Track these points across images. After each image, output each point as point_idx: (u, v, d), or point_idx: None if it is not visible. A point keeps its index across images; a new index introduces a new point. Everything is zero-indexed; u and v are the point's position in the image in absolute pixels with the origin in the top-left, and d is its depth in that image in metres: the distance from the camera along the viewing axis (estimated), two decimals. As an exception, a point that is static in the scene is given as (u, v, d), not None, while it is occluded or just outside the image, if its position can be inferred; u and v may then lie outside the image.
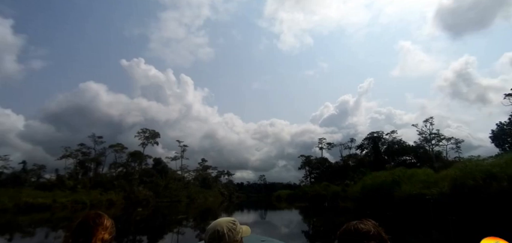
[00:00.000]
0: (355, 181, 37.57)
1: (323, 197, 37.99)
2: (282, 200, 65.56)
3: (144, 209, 40.14)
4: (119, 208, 38.09)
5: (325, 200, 36.78)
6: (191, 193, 63.64)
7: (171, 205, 49.60)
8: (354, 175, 43.46)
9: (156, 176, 58.74)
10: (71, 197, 31.24)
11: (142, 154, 63.99)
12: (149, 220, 23.17)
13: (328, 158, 68.80)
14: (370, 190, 22.60)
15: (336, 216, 21.91)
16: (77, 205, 30.39)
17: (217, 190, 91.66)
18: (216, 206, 46.18)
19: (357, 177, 39.88)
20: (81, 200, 32.06)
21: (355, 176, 42.04)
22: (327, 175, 63.07)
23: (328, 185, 40.52)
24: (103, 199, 37.22)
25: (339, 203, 31.88)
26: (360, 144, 53.70)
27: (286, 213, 30.61)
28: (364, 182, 26.82)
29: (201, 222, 20.92)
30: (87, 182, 53.82)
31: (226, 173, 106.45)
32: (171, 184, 58.60)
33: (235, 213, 31.57)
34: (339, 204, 31.27)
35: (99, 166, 67.36)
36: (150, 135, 63.11)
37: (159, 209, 41.20)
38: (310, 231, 15.75)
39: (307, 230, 16.51)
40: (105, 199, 37.22)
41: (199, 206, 50.87)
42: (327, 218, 21.79)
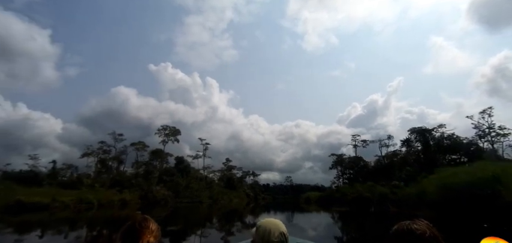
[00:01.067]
0: (405, 181, 31.07)
1: (367, 201, 31.53)
2: (311, 203, 60.42)
3: (162, 210, 36.45)
4: (133, 208, 34.55)
5: (371, 204, 30.30)
6: (214, 193, 59.53)
7: (192, 206, 45.88)
8: (400, 175, 36.80)
9: (176, 176, 55.21)
10: (74, 196, 27.66)
11: (163, 152, 60.95)
12: (168, 222, 19.62)
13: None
14: (448, 191, 16.41)
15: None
16: (81, 205, 26.82)
17: (242, 191, 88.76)
18: (242, 208, 44.11)
19: (404, 176, 33.37)
20: (87, 199, 28.60)
21: (402, 175, 35.40)
22: (362, 175, 56.15)
23: (373, 185, 34.00)
24: (115, 198, 33.67)
25: (389, 207, 25.54)
26: (406, 139, 46.36)
27: (322, 217, 25.25)
28: (430, 181, 20.56)
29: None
30: (107, 180, 51.62)
31: (251, 174, 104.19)
32: (192, 183, 54.82)
33: (261, 215, 29.65)
34: (389, 209, 25.01)
35: (121, 164, 65.59)
36: (171, 132, 59.88)
37: (179, 210, 37.63)
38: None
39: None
40: (118, 199, 33.64)
41: (223, 207, 47.06)
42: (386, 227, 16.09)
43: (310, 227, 18.14)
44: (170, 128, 59.78)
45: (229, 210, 39.11)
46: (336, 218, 25.03)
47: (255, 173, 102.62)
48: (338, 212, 29.12)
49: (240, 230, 17.38)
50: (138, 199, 38.89)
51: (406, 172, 36.51)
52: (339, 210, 29.86)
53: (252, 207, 47.53)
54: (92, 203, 28.51)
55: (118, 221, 20.59)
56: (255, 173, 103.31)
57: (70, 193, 28.84)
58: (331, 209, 33.36)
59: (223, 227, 19.60)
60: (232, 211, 36.59)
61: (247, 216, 29.44)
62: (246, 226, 19.83)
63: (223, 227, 19.60)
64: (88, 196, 29.14)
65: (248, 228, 18.20)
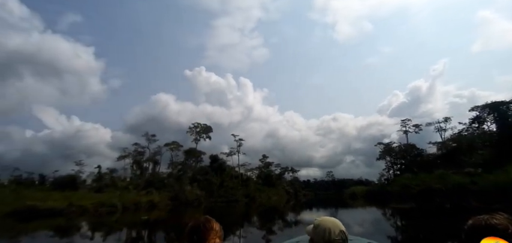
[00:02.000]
0: (483, 167, 24.50)
1: (437, 194, 24.95)
2: (357, 198, 54.84)
3: (195, 211, 33.75)
4: (163, 210, 32.23)
5: (444, 197, 23.73)
6: (250, 191, 56.12)
7: (228, 205, 42.95)
8: (470, 161, 29.87)
9: (210, 174, 52.66)
10: (96, 199, 25.68)
11: (195, 150, 58.94)
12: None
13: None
14: None
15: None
16: (102, 209, 24.63)
17: (281, 187, 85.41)
18: (282, 205, 41.70)
19: (481, 162, 26.58)
20: (110, 202, 26.44)
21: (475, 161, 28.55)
22: (418, 165, 48.68)
23: (445, 174, 26.92)
24: (142, 200, 31.43)
25: (470, 201, 19.40)
26: (476, 117, 37.86)
27: (375, 214, 20.12)
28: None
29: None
30: (142, 182, 50.81)
31: (290, 170, 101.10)
32: (227, 182, 51.84)
33: (303, 212, 28.74)
34: (471, 204, 18.96)
35: (156, 165, 65.20)
36: (202, 130, 57.55)
37: (213, 210, 34.77)
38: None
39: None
40: (146, 200, 31.35)
41: (261, 205, 43.63)
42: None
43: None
44: (201, 125, 57.48)
45: (268, 208, 36.70)
46: (394, 216, 19.81)
47: (294, 169, 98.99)
48: (398, 209, 23.44)
49: (281, 229, 16.30)
50: (168, 200, 36.47)
51: (481, 156, 29.37)
52: (399, 208, 24.03)
53: (293, 204, 44.73)
54: (115, 206, 26.23)
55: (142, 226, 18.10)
56: (294, 169, 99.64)
57: (93, 196, 27.02)
58: (389, 205, 27.43)
59: (263, 225, 18.46)
60: (271, 209, 34.32)
61: (289, 214, 27.25)
62: (288, 224, 18.57)
63: (263, 225, 18.46)
64: (111, 199, 26.93)
65: (290, 226, 17.38)
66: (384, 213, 23.85)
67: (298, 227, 16.45)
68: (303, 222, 19.48)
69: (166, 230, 16.92)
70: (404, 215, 20.23)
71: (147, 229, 17.08)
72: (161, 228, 17.60)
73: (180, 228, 15.96)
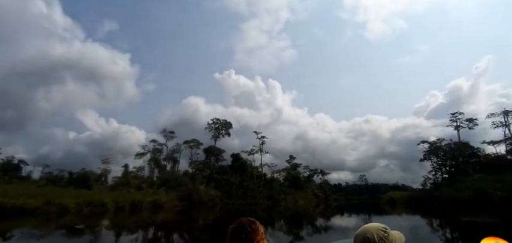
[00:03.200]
0: None
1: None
2: (396, 205, 47.69)
3: (208, 212, 29.56)
4: (171, 212, 28.32)
5: None
6: (274, 193, 50.95)
7: (247, 208, 38.29)
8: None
9: (229, 174, 48.40)
10: (83, 198, 22.16)
11: (214, 148, 55.12)
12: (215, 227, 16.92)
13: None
14: None
15: None
16: (87, 208, 20.99)
17: (310, 191, 79.77)
18: (311, 210, 39.14)
19: None
20: (100, 201, 22.79)
21: None
22: (474, 167, 40.59)
23: None
24: (146, 199, 27.65)
25: None
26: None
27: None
28: None
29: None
30: (158, 181, 47.97)
31: (320, 173, 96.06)
32: (246, 182, 47.14)
33: (334, 218, 26.80)
34: None
35: (175, 163, 62.53)
36: (221, 125, 53.52)
37: (229, 213, 30.50)
38: None
39: None
40: (150, 200, 27.57)
41: (286, 209, 38.69)
42: None
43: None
44: (220, 121, 53.45)
45: (294, 212, 33.52)
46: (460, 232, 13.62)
47: (324, 171, 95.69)
48: (467, 223, 16.69)
49: (311, 234, 15.06)
50: (177, 201, 32.57)
51: None
52: (467, 221, 17.20)
53: (322, 209, 41.43)
54: (105, 206, 22.56)
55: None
56: (324, 171, 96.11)
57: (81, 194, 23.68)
58: (458, 216, 20.31)
59: (290, 231, 16.77)
60: (298, 213, 31.56)
61: (318, 219, 24.99)
62: (317, 230, 16.96)
63: (290, 231, 16.77)
64: (104, 198, 23.35)
65: (320, 232, 16.05)
66: (439, 224, 17.75)
67: (328, 233, 15.25)
68: (333, 228, 17.91)
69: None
70: (479, 232, 13.82)
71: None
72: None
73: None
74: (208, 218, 25.98)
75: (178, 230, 17.15)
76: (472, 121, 45.50)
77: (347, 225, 21.06)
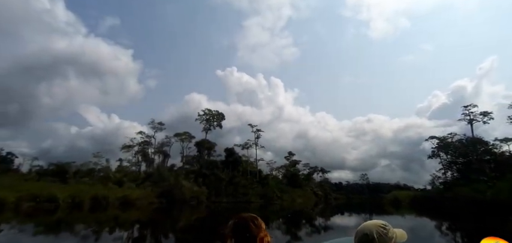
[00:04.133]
0: None
1: None
2: (401, 205, 43.98)
3: (191, 212, 25.84)
4: (145, 210, 24.66)
5: None
6: (269, 191, 47.14)
7: (235, 206, 34.54)
8: None
9: (219, 169, 44.68)
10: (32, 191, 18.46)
11: (206, 141, 51.40)
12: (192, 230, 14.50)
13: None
14: None
15: None
16: (29, 205, 17.28)
17: (309, 189, 76.40)
18: (309, 209, 36.82)
19: None
20: (48, 195, 19.04)
21: None
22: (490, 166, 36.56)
23: None
24: (112, 195, 23.93)
25: None
26: None
27: None
28: None
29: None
30: (142, 175, 44.38)
31: (320, 170, 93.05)
32: (238, 178, 43.31)
33: (334, 217, 25.67)
34: None
35: (166, 157, 58.92)
36: (212, 116, 49.75)
37: (216, 213, 26.97)
38: None
39: None
40: (119, 196, 23.89)
41: (281, 209, 35.45)
42: None
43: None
44: (212, 112, 49.65)
45: (292, 211, 31.08)
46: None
47: (324, 169, 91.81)
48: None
49: (309, 234, 13.90)
50: (155, 197, 28.86)
51: None
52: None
53: (322, 208, 39.14)
54: (56, 201, 18.89)
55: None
56: (324, 169, 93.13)
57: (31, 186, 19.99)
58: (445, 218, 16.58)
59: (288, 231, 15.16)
60: (295, 213, 29.45)
61: (317, 219, 23.46)
62: (317, 230, 15.79)
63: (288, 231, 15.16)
64: (55, 192, 19.65)
65: (319, 232, 14.84)
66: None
67: (327, 233, 14.56)
68: (332, 227, 17.06)
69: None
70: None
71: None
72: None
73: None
74: (190, 218, 22.38)
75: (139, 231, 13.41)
76: (487, 115, 41.33)
77: (347, 224, 19.78)
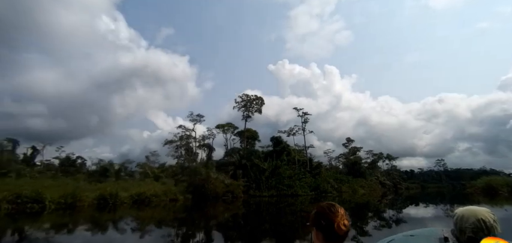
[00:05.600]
0: None
1: None
2: (497, 194, 34.93)
3: (218, 210, 21.56)
4: (160, 209, 21.10)
5: None
6: (321, 181, 40.52)
7: (278, 201, 29.34)
8: None
9: (259, 159, 39.71)
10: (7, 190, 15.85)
11: (247, 130, 46.96)
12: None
13: None
14: None
15: None
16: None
17: (374, 178, 67.87)
18: (376, 200, 32.21)
19: None
20: (35, 194, 16.25)
21: None
22: None
23: None
24: (125, 192, 20.68)
25: None
26: None
27: None
28: None
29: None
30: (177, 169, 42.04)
31: (386, 158, 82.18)
32: (281, 168, 37.64)
33: (406, 209, 21.58)
34: None
35: (211, 151, 56.35)
36: (250, 101, 44.90)
37: (254, 208, 22.49)
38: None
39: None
40: (134, 193, 20.65)
41: (341, 201, 28.92)
42: None
43: None
44: (250, 96, 44.80)
45: (355, 205, 26.21)
46: None
47: (391, 156, 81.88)
48: None
49: (378, 228, 11.84)
50: (180, 193, 25.14)
51: None
52: None
53: (391, 199, 34.18)
54: (40, 201, 16.03)
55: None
56: (390, 156, 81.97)
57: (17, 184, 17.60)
58: None
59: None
60: (359, 205, 25.55)
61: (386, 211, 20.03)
62: (386, 224, 13.28)
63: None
64: (37, 187, 16.85)
65: (389, 226, 12.66)
66: None
67: (400, 227, 12.32)
68: (406, 221, 14.36)
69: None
70: None
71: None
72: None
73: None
74: (220, 216, 18.04)
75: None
76: None
77: (423, 216, 16.74)
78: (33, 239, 10.17)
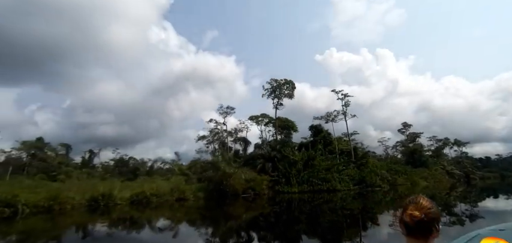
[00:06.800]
0: None
1: None
2: None
3: (227, 214, 18.07)
4: (171, 208, 18.37)
5: None
6: (367, 174, 34.21)
7: (311, 198, 24.64)
8: None
9: (291, 150, 35.07)
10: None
11: (279, 119, 42.52)
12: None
13: None
14: None
15: None
16: None
17: (439, 168, 58.26)
18: (444, 193, 27.04)
19: None
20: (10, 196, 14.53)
21: None
22: None
23: None
24: (119, 192, 18.36)
25: None
26: None
27: None
28: None
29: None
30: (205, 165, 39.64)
31: (453, 144, 72.36)
32: (316, 160, 32.43)
33: (482, 203, 18.87)
34: None
35: (247, 144, 53.25)
36: (279, 85, 40.24)
37: (285, 208, 18.96)
38: None
39: None
40: (137, 192, 18.27)
41: (397, 197, 24.04)
42: None
43: None
44: (278, 81, 40.09)
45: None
46: None
47: (460, 141, 71.96)
48: None
49: (448, 224, 10.06)
50: (185, 193, 22.16)
51: None
52: None
53: (463, 191, 29.43)
54: (14, 205, 14.22)
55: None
56: (459, 141, 72.05)
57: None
58: None
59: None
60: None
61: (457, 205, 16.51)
62: (458, 220, 11.02)
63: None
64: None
65: (462, 223, 10.36)
66: None
67: (475, 223, 10.29)
68: (483, 216, 11.96)
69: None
70: None
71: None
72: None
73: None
74: (227, 221, 14.74)
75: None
76: None
77: (505, 209, 14.57)
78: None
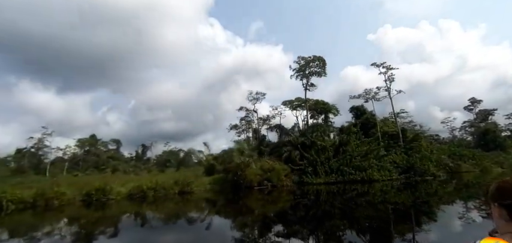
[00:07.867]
0: None
1: None
2: None
3: (241, 212, 15.94)
4: (157, 206, 16.96)
5: None
6: (417, 159, 28.46)
7: (343, 189, 21.06)
8: None
9: (321, 135, 31.04)
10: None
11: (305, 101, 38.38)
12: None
13: None
14: None
15: None
16: None
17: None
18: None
19: None
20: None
21: None
22: None
23: None
24: (117, 186, 17.41)
25: None
26: None
27: None
28: None
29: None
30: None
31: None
32: (350, 145, 27.87)
33: None
34: None
35: (283, 132, 50.12)
36: (307, 63, 35.95)
37: (294, 206, 16.28)
38: None
39: None
40: (134, 186, 17.27)
41: (463, 186, 21.19)
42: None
43: None
44: (305, 58, 35.78)
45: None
46: None
47: None
48: None
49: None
50: (190, 186, 20.40)
51: None
52: None
53: None
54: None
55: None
56: None
57: None
58: None
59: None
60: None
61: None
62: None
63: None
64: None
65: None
66: None
67: None
68: None
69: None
70: None
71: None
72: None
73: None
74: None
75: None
76: None
77: None
78: None
